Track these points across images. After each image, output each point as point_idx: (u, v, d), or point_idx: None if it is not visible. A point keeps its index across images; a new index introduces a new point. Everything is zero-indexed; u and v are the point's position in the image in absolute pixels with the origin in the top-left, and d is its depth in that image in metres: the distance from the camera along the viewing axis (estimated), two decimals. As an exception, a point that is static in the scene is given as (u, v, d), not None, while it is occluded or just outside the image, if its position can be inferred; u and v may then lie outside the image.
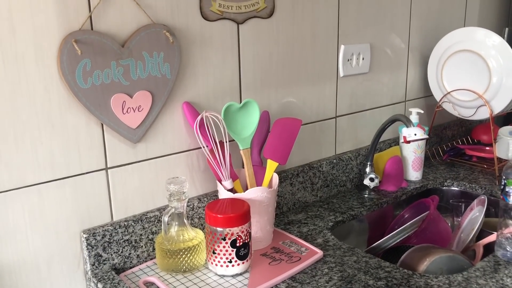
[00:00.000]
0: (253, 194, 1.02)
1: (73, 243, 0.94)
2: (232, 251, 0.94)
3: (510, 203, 1.00)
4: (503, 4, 1.93)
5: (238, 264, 0.95)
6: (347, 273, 0.97)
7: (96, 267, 0.95)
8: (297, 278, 0.96)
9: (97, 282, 0.92)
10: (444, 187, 1.50)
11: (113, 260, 0.97)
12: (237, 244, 0.93)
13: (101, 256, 0.95)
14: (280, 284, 0.94)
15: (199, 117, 1.01)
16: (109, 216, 0.98)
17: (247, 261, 0.96)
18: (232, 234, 0.93)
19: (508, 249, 1.01)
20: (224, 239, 0.93)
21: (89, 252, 0.94)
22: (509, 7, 1.96)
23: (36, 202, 0.88)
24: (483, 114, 1.48)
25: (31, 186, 0.87)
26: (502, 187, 1.01)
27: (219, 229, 0.93)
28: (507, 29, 1.95)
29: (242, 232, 0.94)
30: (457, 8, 1.71)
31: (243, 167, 1.09)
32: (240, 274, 0.96)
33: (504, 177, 1.01)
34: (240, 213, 0.93)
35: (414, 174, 1.49)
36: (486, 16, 1.86)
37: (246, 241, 0.95)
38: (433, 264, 1.03)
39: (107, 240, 0.96)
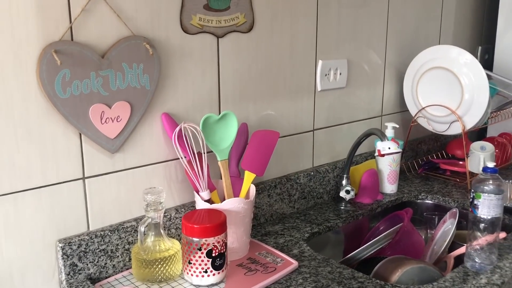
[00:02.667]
0: (230, 205, 1.03)
1: (48, 253, 0.94)
2: (208, 261, 0.95)
3: (478, 215, 1.03)
4: (476, 24, 2.00)
5: (214, 274, 0.96)
6: (321, 283, 0.99)
7: (71, 276, 0.95)
8: (272, 288, 0.97)
9: (71, 292, 0.92)
10: (418, 200, 1.53)
11: (89, 270, 0.97)
12: (213, 254, 0.94)
13: (76, 265, 0.95)
14: (255, 294, 0.95)
15: (177, 128, 1.02)
16: (85, 226, 0.98)
17: (222, 271, 0.97)
18: (208, 244, 0.94)
19: (476, 260, 1.04)
20: (200, 249, 0.94)
21: (64, 261, 0.94)
22: (482, 27, 2.03)
23: (11, 210, 0.88)
24: (456, 129, 1.53)
25: (7, 195, 0.87)
26: (471, 200, 1.05)
27: (195, 239, 0.94)
28: (480, 47, 2.02)
29: (218, 242, 0.95)
30: (432, 27, 1.76)
31: (221, 178, 1.11)
32: (216, 284, 0.97)
33: (473, 190, 1.04)
34: (216, 223, 0.94)
35: (389, 187, 1.52)
36: (460, 34, 1.92)
37: (222, 251, 0.96)
38: (405, 274, 1.05)
39: (83, 249, 0.96)
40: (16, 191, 0.88)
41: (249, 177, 1.10)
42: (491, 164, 1.03)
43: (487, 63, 2.00)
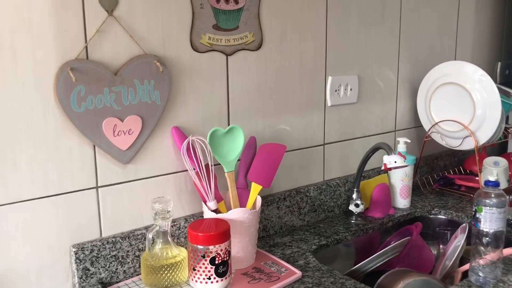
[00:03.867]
0: (235, 214, 1.07)
1: (63, 257, 1.00)
2: (211, 268, 0.99)
3: (480, 229, 1.03)
4: (496, 39, 1.99)
5: (217, 281, 1.00)
6: (322, 293, 1.01)
7: (84, 280, 1.01)
8: (273, 296, 1.00)
9: (83, 294, 0.98)
10: (431, 215, 1.53)
11: (100, 274, 1.03)
12: (216, 262, 0.99)
13: (88, 270, 1.01)
14: (256, 302, 0.98)
15: (186, 141, 1.08)
16: (98, 232, 1.04)
17: (226, 278, 1.01)
18: (211, 252, 0.98)
19: (480, 274, 1.05)
20: (204, 257, 0.98)
21: (77, 265, 1.00)
22: (501, 42, 2.02)
23: (29, 216, 0.95)
24: (469, 144, 1.53)
25: (26, 202, 0.94)
26: (473, 213, 1.05)
27: (199, 246, 0.98)
28: (499, 63, 2.01)
29: (221, 250, 0.99)
30: (447, 42, 1.77)
31: (227, 190, 1.15)
32: (219, 291, 1.01)
33: (475, 203, 1.05)
34: (219, 231, 0.99)
35: (402, 201, 1.53)
36: (478, 50, 1.92)
37: (225, 259, 1.00)
38: (407, 287, 1.06)
39: (95, 255, 1.02)
40: (34, 198, 0.95)
41: (255, 188, 1.14)
42: (493, 178, 1.03)
43: (508, 79, 1.99)
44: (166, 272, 1.01)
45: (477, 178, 1.68)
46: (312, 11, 1.32)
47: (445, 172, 1.78)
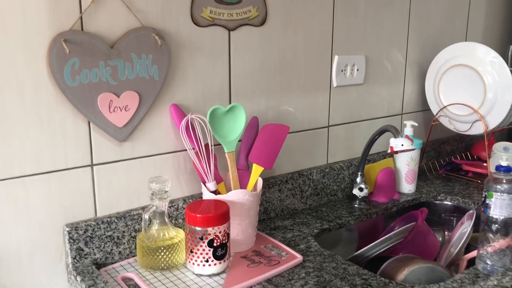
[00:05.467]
0: (235, 196, 1.04)
1: (56, 237, 0.97)
2: (209, 250, 0.95)
3: (490, 215, 0.99)
4: (508, 22, 1.93)
5: (215, 264, 0.96)
6: (323, 278, 0.97)
7: (77, 260, 0.98)
8: (273, 281, 0.97)
9: (76, 275, 0.95)
10: (437, 201, 1.49)
11: (95, 255, 1.00)
12: (214, 244, 0.95)
13: (82, 250, 0.98)
14: (255, 286, 0.95)
15: (184, 119, 1.04)
16: (93, 212, 1.01)
17: (224, 261, 0.98)
18: (209, 234, 0.94)
19: (488, 262, 1.01)
20: (202, 239, 0.95)
21: (71, 245, 0.96)
22: (514, 25, 1.95)
23: (20, 194, 0.92)
24: (478, 129, 1.48)
25: (16, 178, 0.91)
26: (483, 199, 1.01)
27: (197, 228, 0.95)
28: (511, 46, 1.94)
29: (220, 232, 0.95)
30: (458, 24, 1.71)
31: (227, 171, 1.11)
32: (217, 274, 0.97)
33: (485, 189, 1.00)
34: (218, 213, 0.95)
35: (407, 186, 1.49)
36: (490, 33, 1.85)
37: (224, 241, 0.96)
38: (411, 274, 1.03)
39: (89, 235, 0.98)
40: (26, 175, 0.92)
41: (256, 170, 1.10)
42: (504, 163, 0.99)
43: (519, 63, 1.92)
44: (162, 253, 0.98)
45: (485, 164, 1.63)
46: (319, -13, 1.27)
47: (452, 158, 1.74)
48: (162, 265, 0.98)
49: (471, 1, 1.73)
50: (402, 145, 1.18)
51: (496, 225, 0.99)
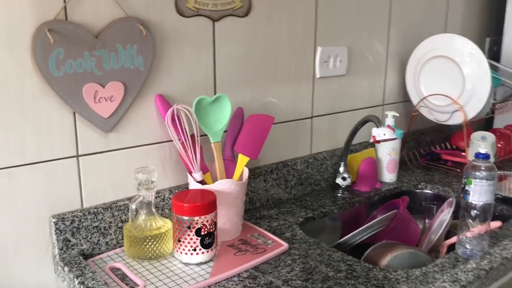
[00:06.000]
0: (221, 186, 1.05)
1: (43, 228, 0.97)
2: (197, 239, 0.96)
3: (469, 201, 1.02)
4: (485, 15, 1.97)
5: (203, 253, 0.97)
6: (309, 265, 0.99)
7: (64, 251, 0.97)
8: (260, 268, 0.98)
9: (64, 266, 0.95)
10: (417, 190, 1.52)
11: (82, 245, 1.00)
12: (202, 233, 0.96)
13: (69, 241, 0.98)
14: (242, 273, 0.96)
15: (170, 110, 1.04)
16: (79, 203, 1.01)
17: (211, 250, 0.99)
18: (196, 223, 0.95)
19: (467, 247, 1.04)
20: (189, 228, 0.95)
21: (57, 236, 0.96)
22: (490, 18, 2.00)
23: (6, 185, 0.91)
24: (457, 119, 1.51)
25: (2, 170, 0.90)
26: (462, 186, 1.04)
27: (184, 217, 0.95)
28: (488, 39, 2.00)
29: (207, 221, 0.96)
30: (437, 17, 1.75)
31: (213, 161, 1.12)
32: (205, 262, 0.98)
33: (464, 176, 1.03)
34: (205, 202, 0.96)
35: (388, 175, 1.52)
36: (468, 25, 1.89)
37: (211, 230, 0.97)
38: (394, 259, 1.05)
39: (76, 225, 0.98)
40: (11, 166, 0.91)
41: (242, 160, 1.11)
42: (483, 150, 1.02)
43: (496, 55, 1.97)
44: (150, 243, 0.99)
45: (463, 154, 1.67)
46: (302, -22, 1.28)
47: (431, 147, 1.78)
48: (150, 254, 0.99)
49: (449, -6, 1.77)
50: (384, 134, 1.21)
51: (475, 211, 1.03)
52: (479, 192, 1.01)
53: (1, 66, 0.86)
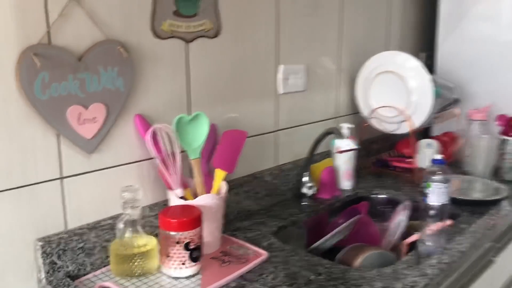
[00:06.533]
0: (204, 200, 1.09)
1: (27, 252, 0.96)
2: (186, 253, 1.00)
3: (428, 203, 1.14)
4: (420, 32, 2.16)
5: (192, 266, 1.01)
6: (291, 271, 1.06)
7: (51, 274, 0.97)
8: (246, 277, 1.03)
9: (52, 289, 0.95)
10: (372, 195, 1.64)
11: (68, 267, 1.00)
12: (190, 247, 1.00)
13: (55, 263, 0.98)
14: (230, 283, 1.01)
15: (151, 129, 1.07)
16: (63, 225, 1.01)
17: (199, 263, 1.03)
18: (185, 238, 0.99)
19: (428, 244, 1.15)
20: (178, 243, 0.99)
21: (44, 260, 0.96)
22: (424, 35, 2.20)
23: (-9, 211, 0.90)
24: (405, 128, 1.65)
25: (-13, 195, 0.89)
26: (423, 190, 1.16)
27: (172, 233, 0.99)
28: (423, 53, 2.19)
29: (195, 235, 1.00)
30: (379, 36, 1.90)
31: (190, 177, 1.16)
32: (193, 275, 1.02)
33: (424, 181, 1.15)
34: (192, 217, 1.00)
35: (346, 183, 1.62)
36: (405, 42, 2.07)
37: (199, 244, 1.01)
38: (366, 260, 1.15)
39: (62, 248, 0.98)
40: (-4, 191, 0.90)
41: (220, 174, 1.16)
42: (438, 156, 1.14)
43: (430, 68, 2.16)
44: (138, 260, 1.01)
45: (409, 160, 1.82)
46: (265, 1, 1.36)
47: (380, 155, 1.92)
48: (138, 271, 1.01)
49: (391, 15, 1.93)
50: (348, 145, 1.31)
51: (434, 211, 1.15)
52: (437, 194, 1.13)
53: (-14, 91, 0.86)
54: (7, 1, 0.86)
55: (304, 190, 1.45)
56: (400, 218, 1.45)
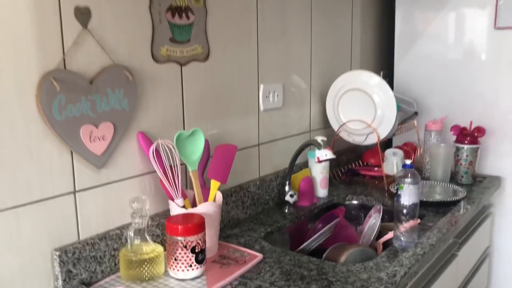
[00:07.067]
0: (204, 208, 1.19)
1: (45, 261, 1.03)
2: (192, 256, 1.09)
3: (401, 203, 1.29)
4: (378, 53, 2.37)
5: (197, 268, 1.11)
6: (285, 268, 1.18)
7: (67, 282, 1.04)
8: (246, 276, 1.14)
9: (70, 295, 1.02)
10: (346, 202, 1.79)
11: (82, 275, 1.07)
12: (196, 250, 1.10)
13: (71, 271, 1.05)
14: (233, 282, 1.11)
15: (154, 144, 1.17)
16: (76, 235, 1.08)
17: (203, 265, 1.12)
18: (192, 242, 1.09)
19: (402, 239, 1.30)
20: (186, 246, 1.08)
21: (61, 268, 1.03)
22: (382, 55, 2.40)
23: (13, 223, 0.97)
24: (372, 139, 1.82)
25: (10, 209, 0.96)
26: (395, 191, 1.31)
27: (179, 238, 1.08)
28: (382, 72, 2.39)
29: (200, 239, 1.10)
30: (344, 56, 2.08)
31: (186, 188, 1.26)
32: (198, 277, 1.12)
33: (397, 183, 1.31)
34: (197, 223, 1.10)
35: (322, 191, 1.76)
36: (366, 62, 2.26)
37: (203, 247, 1.11)
38: (350, 256, 1.28)
39: (77, 256, 1.06)
40: (18, 205, 0.97)
41: (215, 185, 1.27)
42: (408, 161, 1.30)
43: (389, 85, 2.36)
44: (146, 266, 1.09)
45: (376, 169, 1.99)
46: (247, 28, 1.50)
47: (349, 166, 2.08)
48: (147, 276, 1.10)
49: (352, 36, 2.11)
50: (326, 155, 1.45)
51: (406, 210, 1.30)
52: (408, 194, 1.28)
53: (10, 113, 0.94)
54: (29, 31, 0.95)
55: (287, 198, 1.58)
56: (373, 220, 1.60)
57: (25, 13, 0.95)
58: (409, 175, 1.29)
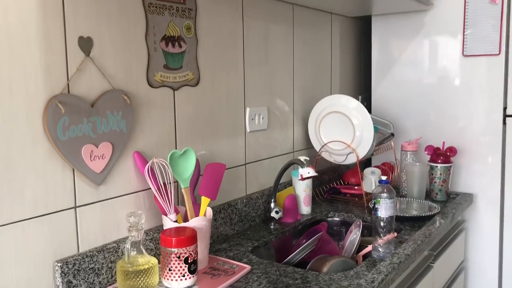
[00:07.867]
0: (196, 222, 1.28)
1: (46, 273, 1.10)
2: (185, 266, 1.17)
3: (379, 216, 1.40)
4: (356, 77, 2.51)
5: (190, 278, 1.18)
6: (272, 278, 1.26)
7: (68, 292, 1.11)
8: (235, 285, 1.22)
9: (71, 304, 1.08)
10: (328, 218, 1.89)
11: (81, 286, 1.14)
12: (189, 261, 1.18)
13: (71, 282, 1.12)
14: (224, 290, 1.19)
15: (149, 163, 1.26)
16: (76, 248, 1.16)
17: (195, 275, 1.20)
18: (185, 253, 1.17)
19: (380, 250, 1.40)
20: (179, 257, 1.16)
21: (62, 279, 1.10)
22: (360, 80, 2.54)
23: (20, 236, 1.04)
24: (351, 159, 1.93)
25: (17, 222, 1.03)
26: (373, 205, 1.41)
27: (173, 249, 1.16)
28: (360, 96, 2.53)
29: (192, 250, 1.18)
30: (324, 81, 2.21)
31: (178, 204, 1.34)
32: (191, 286, 1.19)
33: (374, 198, 1.41)
34: (190, 235, 1.18)
35: (305, 208, 1.86)
36: (345, 87, 2.40)
37: (196, 258, 1.19)
38: (332, 266, 1.37)
39: (77, 268, 1.13)
40: (24, 219, 1.04)
41: (205, 201, 1.36)
42: (384, 177, 1.41)
43: (367, 108, 2.50)
44: (142, 276, 1.17)
45: (356, 187, 2.10)
46: (234, 55, 1.61)
47: (331, 184, 2.18)
48: (143, 286, 1.17)
49: (331, 63, 2.25)
50: (309, 172, 1.55)
51: (383, 223, 1.40)
52: (385, 208, 1.39)
53: (20, 133, 1.02)
54: (38, 59, 1.04)
55: (273, 214, 1.67)
56: (354, 235, 1.70)
57: (35, 42, 1.04)
58: (385, 190, 1.40)
